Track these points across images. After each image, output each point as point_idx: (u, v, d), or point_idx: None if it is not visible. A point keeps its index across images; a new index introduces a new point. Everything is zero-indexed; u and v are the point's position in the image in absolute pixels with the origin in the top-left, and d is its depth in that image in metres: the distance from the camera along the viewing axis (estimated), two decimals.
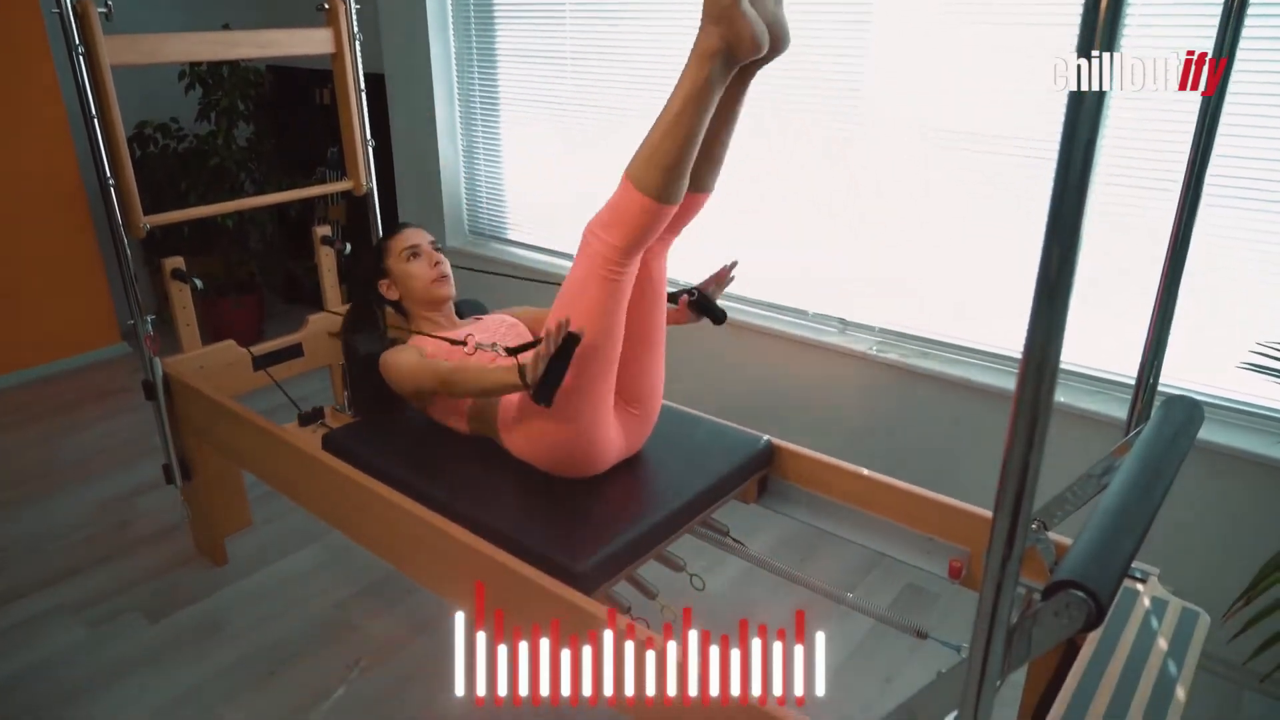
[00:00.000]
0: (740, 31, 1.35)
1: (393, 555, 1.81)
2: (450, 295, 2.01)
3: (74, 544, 2.62)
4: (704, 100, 1.39)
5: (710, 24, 1.36)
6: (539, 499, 1.67)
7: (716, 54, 1.37)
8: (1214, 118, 1.23)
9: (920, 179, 2.39)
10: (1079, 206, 0.72)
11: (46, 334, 3.77)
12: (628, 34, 2.93)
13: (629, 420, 1.75)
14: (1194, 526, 2.08)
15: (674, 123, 1.40)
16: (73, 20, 1.91)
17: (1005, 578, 0.86)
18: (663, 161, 1.41)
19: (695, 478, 1.75)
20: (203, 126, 3.95)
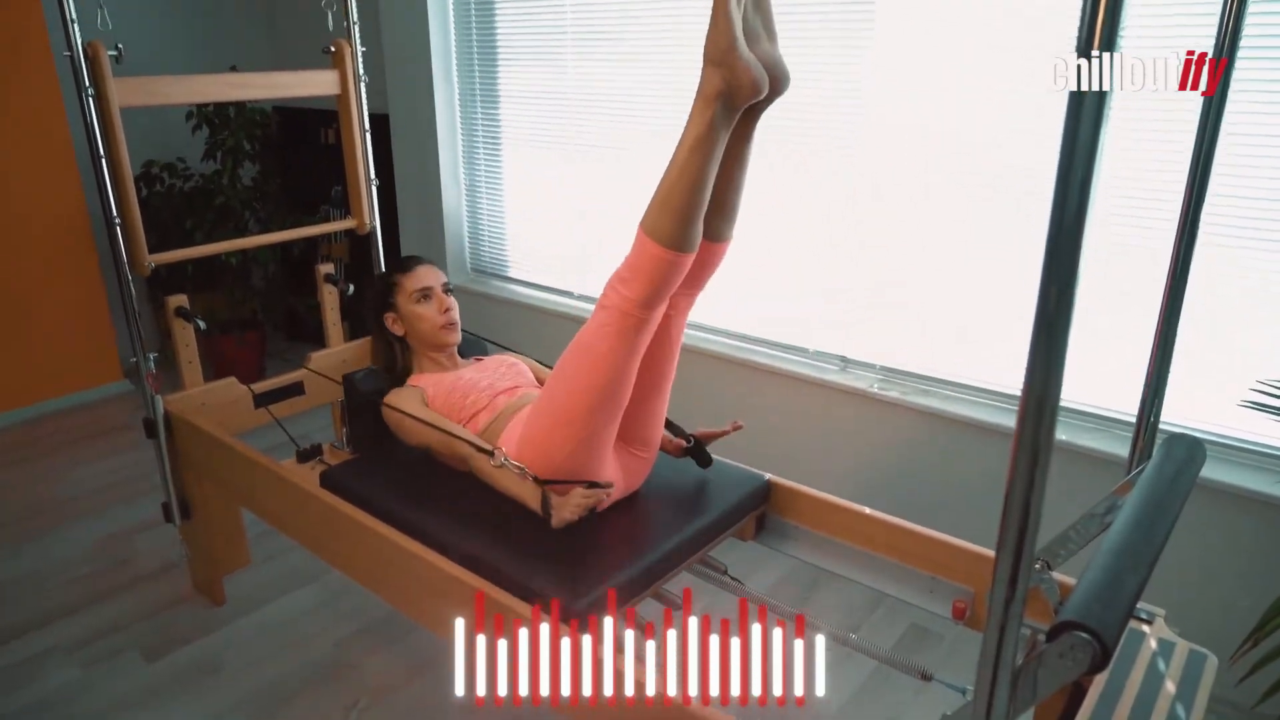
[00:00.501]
0: (739, 75, 1.36)
1: (390, 593, 1.80)
2: (457, 341, 2.03)
3: (72, 582, 2.60)
4: (710, 145, 1.40)
5: (711, 68, 1.38)
6: (536, 536, 1.66)
7: (718, 97, 1.38)
8: (1216, 119, 1.23)
9: (920, 217, 2.41)
10: (1076, 241, 0.73)
11: (49, 371, 3.78)
12: (628, 75, 2.97)
13: (630, 461, 1.75)
14: (1199, 567, 2.06)
15: (682, 169, 1.41)
16: (84, 63, 1.94)
17: (1009, 619, 0.86)
18: (674, 208, 1.42)
19: (693, 515, 1.75)
20: (209, 165, 3.99)
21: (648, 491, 1.82)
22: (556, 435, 1.59)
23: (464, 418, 1.86)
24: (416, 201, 3.79)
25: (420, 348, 2.02)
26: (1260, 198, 1.89)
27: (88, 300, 3.84)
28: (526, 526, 1.68)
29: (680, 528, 1.71)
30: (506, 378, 1.96)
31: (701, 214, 1.45)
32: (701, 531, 1.72)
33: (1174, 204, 1.31)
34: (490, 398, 1.88)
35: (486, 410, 1.86)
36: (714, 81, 1.38)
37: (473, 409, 1.87)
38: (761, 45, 1.42)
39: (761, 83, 1.39)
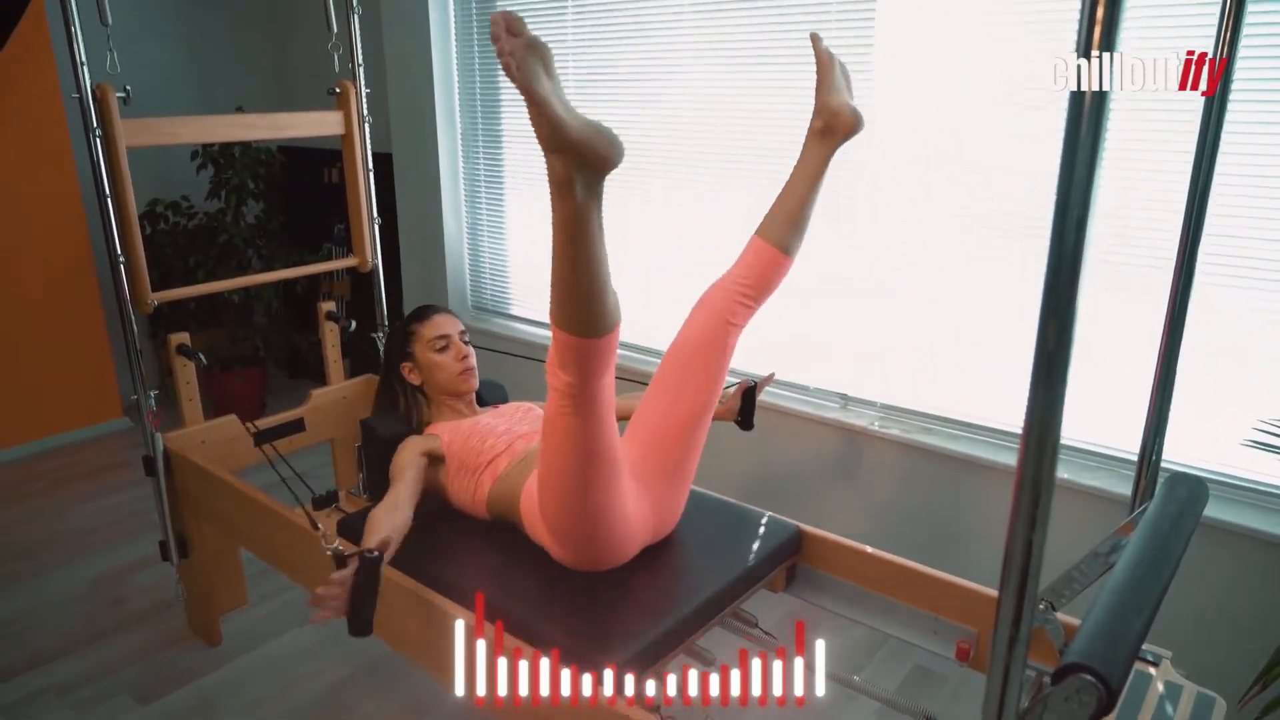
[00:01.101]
0: (581, 150, 1.23)
1: (388, 634, 1.77)
2: (474, 388, 2.02)
3: (66, 622, 2.58)
4: (584, 224, 1.29)
5: (550, 157, 1.25)
6: (563, 589, 1.60)
7: (569, 180, 1.26)
8: (1218, 120, 1.23)
9: (921, 253, 2.42)
10: (1074, 275, 0.73)
11: (50, 407, 3.78)
12: (629, 117, 3.01)
13: (666, 494, 1.69)
14: (1205, 608, 2.04)
15: (565, 260, 1.31)
16: (92, 105, 1.97)
17: (1013, 660, 0.85)
18: (572, 299, 1.34)
19: (725, 566, 1.69)
20: (213, 204, 4.02)
21: (675, 541, 1.76)
22: (566, 511, 1.55)
23: (482, 463, 1.82)
24: (418, 239, 3.82)
25: (438, 396, 2.01)
26: (1259, 237, 1.90)
27: (89, 337, 3.85)
28: (553, 578, 1.63)
29: (713, 581, 1.64)
30: (524, 422, 1.92)
31: (604, 296, 1.33)
32: (734, 584, 1.67)
33: (1172, 238, 1.32)
34: (509, 442, 1.84)
35: (505, 454, 1.82)
36: (558, 168, 1.26)
37: (491, 453, 1.82)
38: (839, 91, 1.61)
39: (607, 150, 1.24)
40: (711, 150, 2.78)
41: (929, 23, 2.27)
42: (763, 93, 2.62)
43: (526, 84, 1.19)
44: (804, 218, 1.69)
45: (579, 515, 1.54)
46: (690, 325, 1.72)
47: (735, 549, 1.75)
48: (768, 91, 2.61)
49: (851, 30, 2.41)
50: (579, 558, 1.62)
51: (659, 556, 1.72)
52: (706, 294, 1.73)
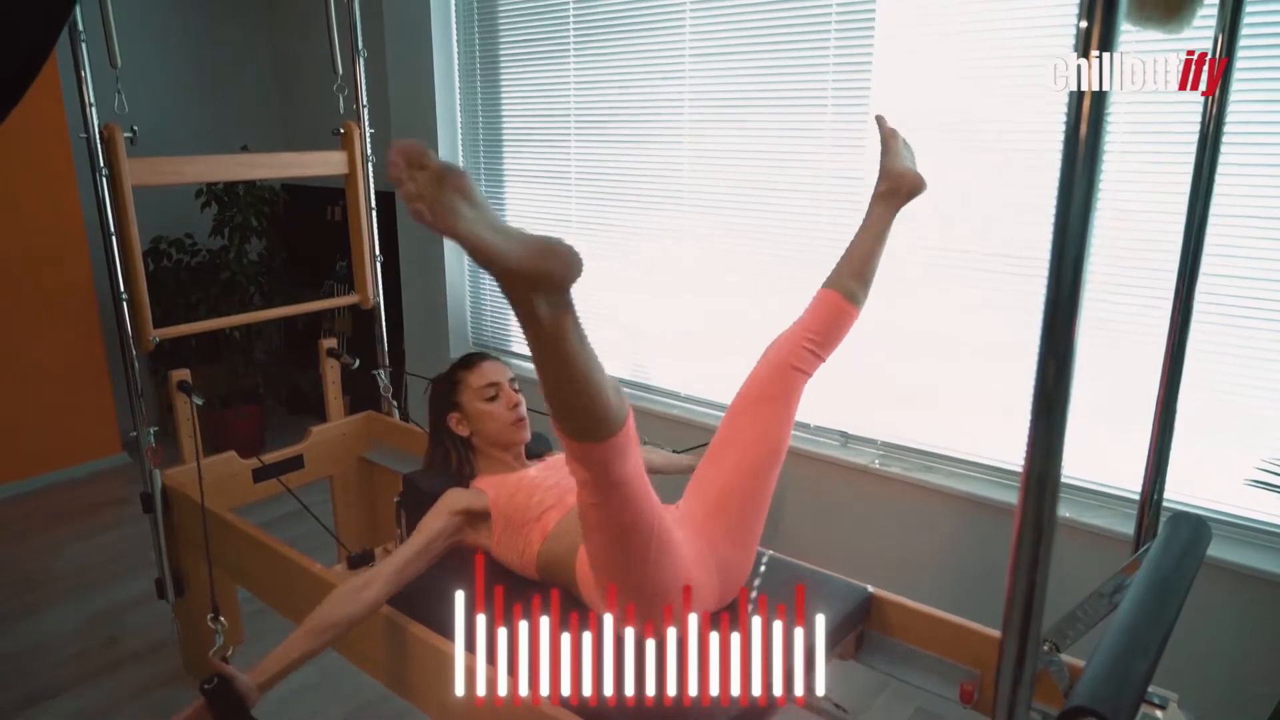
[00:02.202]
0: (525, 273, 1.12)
1: (385, 675, 1.74)
2: (526, 439, 1.91)
3: (60, 661, 2.55)
4: (558, 341, 1.17)
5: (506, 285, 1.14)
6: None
7: (529, 300, 1.14)
8: (1219, 121, 1.23)
9: (921, 292, 2.43)
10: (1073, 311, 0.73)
11: (49, 443, 3.77)
12: (630, 155, 3.04)
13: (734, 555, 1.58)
14: (1211, 649, 2.02)
15: (547, 374, 1.21)
16: (99, 145, 1.99)
17: (1017, 702, 0.84)
18: (568, 408, 1.23)
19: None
20: (215, 241, 4.05)
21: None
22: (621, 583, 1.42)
23: (532, 518, 1.70)
24: (420, 277, 3.84)
25: (486, 448, 1.89)
26: (1260, 276, 1.92)
27: (90, 373, 3.85)
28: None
29: None
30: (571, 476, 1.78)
31: (605, 394, 1.22)
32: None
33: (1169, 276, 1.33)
34: (558, 496, 1.72)
35: (555, 509, 1.70)
36: (514, 294, 1.14)
37: (539, 508, 1.71)
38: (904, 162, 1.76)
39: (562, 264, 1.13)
40: (713, 189, 2.80)
41: (930, 41, 2.30)
42: (765, 133, 2.66)
43: (447, 226, 1.08)
44: (870, 271, 1.77)
45: (635, 588, 1.42)
46: (756, 376, 1.71)
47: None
48: (771, 132, 2.65)
49: (849, 73, 2.44)
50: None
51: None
52: (773, 345, 1.74)
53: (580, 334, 1.18)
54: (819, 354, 1.72)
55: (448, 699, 1.56)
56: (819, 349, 1.72)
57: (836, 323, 1.74)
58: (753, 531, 1.61)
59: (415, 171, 1.06)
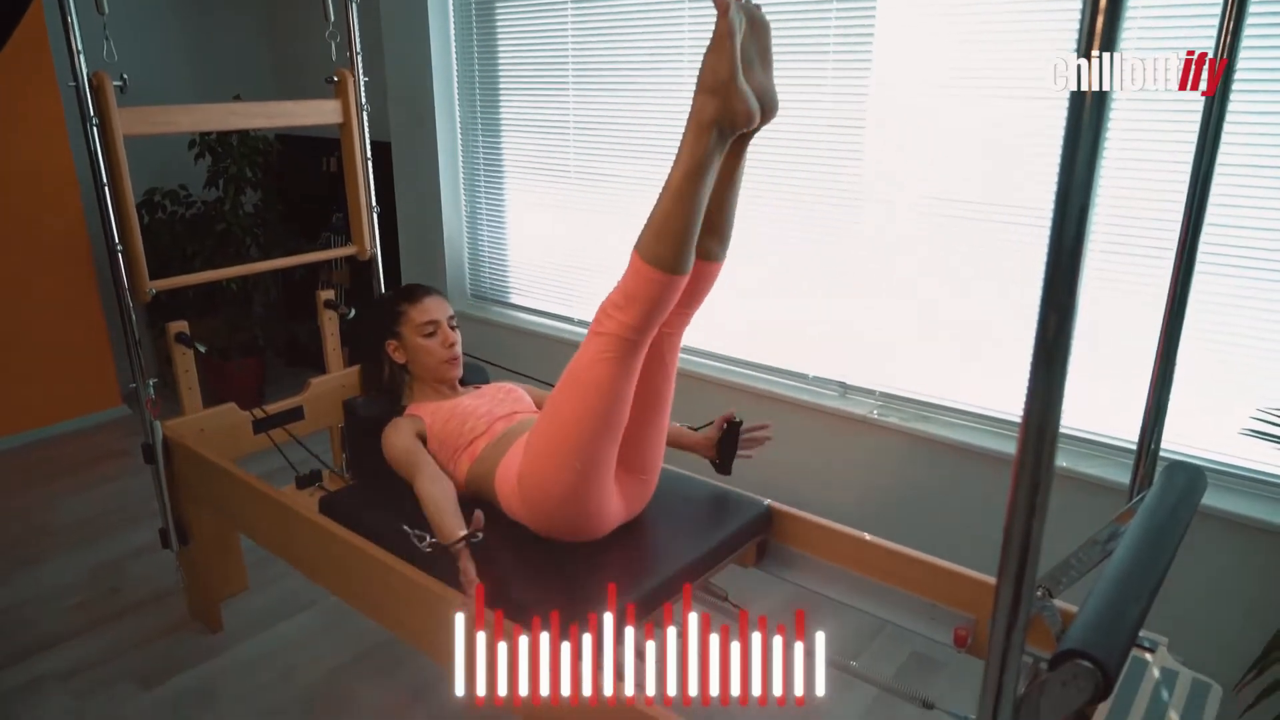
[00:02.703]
0: (735, 105, 1.37)
1: (389, 619, 1.79)
2: (459, 375, 2.04)
3: (66, 609, 2.58)
4: (704, 171, 1.41)
5: (706, 95, 1.38)
6: (537, 561, 1.65)
7: (712, 125, 1.38)
8: (1218, 121, 1.23)
9: (920, 242, 2.42)
10: (1075, 267, 0.73)
11: (48, 396, 3.78)
12: (628, 106, 3.00)
13: (632, 486, 1.74)
14: (1202, 595, 2.05)
15: (677, 195, 1.41)
16: (89, 93, 1.96)
17: (1011, 647, 0.85)
18: (669, 233, 1.43)
19: (693, 541, 1.74)
20: (210, 193, 4.01)
21: (648, 517, 1.81)
22: (555, 465, 1.59)
23: (462, 444, 1.87)
24: (417, 228, 3.81)
25: (422, 378, 2.03)
26: (1260, 226, 1.91)
27: (87, 325, 3.84)
28: (525, 551, 1.68)
29: (680, 553, 1.70)
30: (505, 404, 1.96)
31: (695, 237, 1.46)
32: (702, 557, 1.72)
33: (1173, 231, 1.32)
34: (489, 424, 1.88)
35: (485, 436, 1.86)
36: (709, 110, 1.38)
37: (470, 435, 1.87)
38: (755, 73, 1.43)
39: (755, 111, 1.40)
40: None
41: (930, 13, 2.27)
42: None
43: (728, 26, 1.33)
44: (729, 224, 1.60)
45: (572, 474, 1.58)
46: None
47: (705, 524, 1.80)
48: None
49: (852, 18, 2.40)
50: (556, 522, 1.67)
51: (630, 532, 1.77)
52: None
53: (710, 184, 1.42)
54: (687, 315, 1.65)
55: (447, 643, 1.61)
56: (686, 310, 1.63)
57: (701, 284, 1.60)
58: (652, 467, 1.76)
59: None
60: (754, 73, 1.42)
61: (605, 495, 1.65)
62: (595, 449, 1.56)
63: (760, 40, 1.43)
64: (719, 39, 1.36)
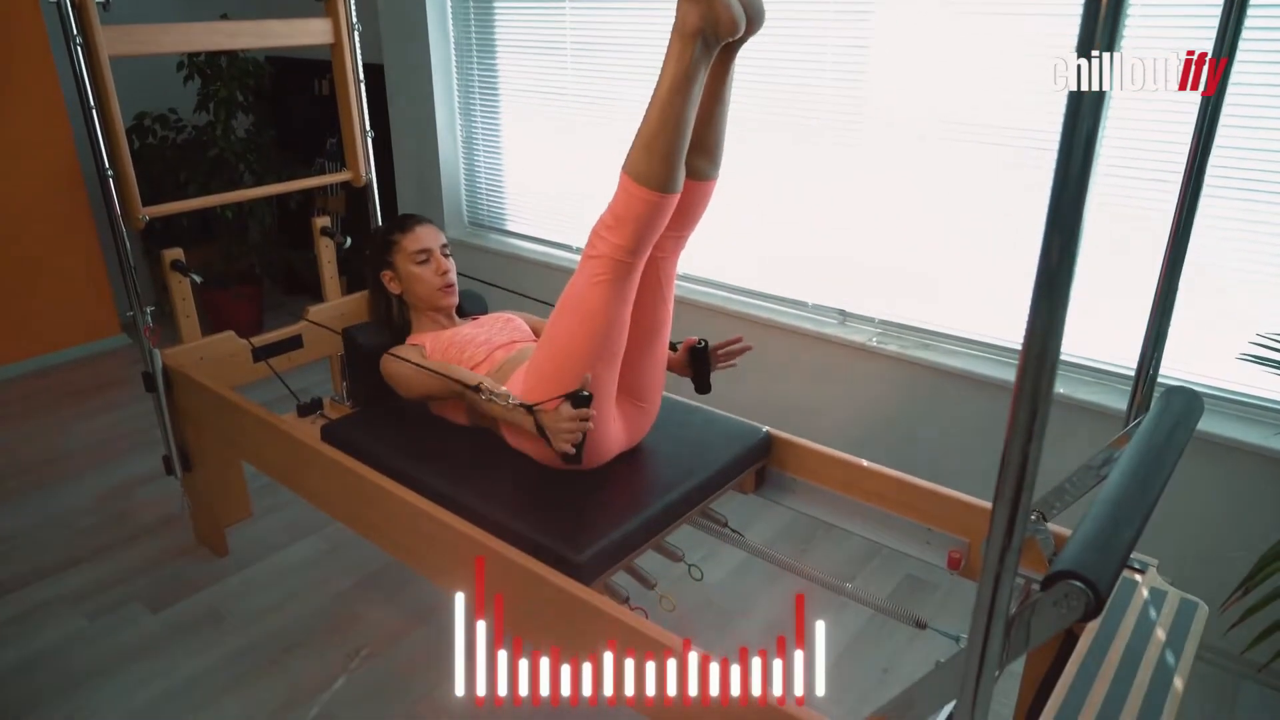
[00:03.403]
0: (718, 11, 1.34)
1: (392, 545, 1.82)
2: (454, 304, 2.02)
3: (74, 535, 2.62)
4: (690, 83, 1.38)
5: (687, 4, 1.35)
6: (538, 490, 1.67)
7: (696, 34, 1.36)
8: (1214, 117, 1.23)
9: (922, 170, 2.39)
10: (1079, 201, 0.72)
11: (46, 325, 3.77)
12: (628, 25, 2.92)
13: (632, 413, 1.75)
14: (1193, 518, 2.08)
15: (663, 109, 1.39)
16: (70, 11, 1.90)
17: (1004, 568, 0.87)
18: (658, 150, 1.40)
19: (693, 468, 1.75)
20: (201, 117, 3.93)
21: (648, 445, 1.83)
22: (556, 391, 1.59)
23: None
24: (413, 154, 3.75)
25: (418, 307, 2.02)
26: (1261, 149, 1.87)
27: (83, 254, 3.81)
28: (527, 480, 1.69)
29: (681, 481, 1.72)
30: (504, 332, 1.96)
31: (684, 153, 1.43)
32: (702, 485, 1.74)
33: (1178, 161, 1.30)
34: (488, 352, 1.88)
35: (484, 364, 1.86)
36: (691, 18, 1.35)
37: (469, 364, 1.87)
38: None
39: (739, 17, 1.36)
40: None
41: None
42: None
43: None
44: (719, 141, 1.56)
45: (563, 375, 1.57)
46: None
47: (705, 451, 1.81)
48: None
49: None
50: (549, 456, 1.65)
51: (631, 460, 1.78)
52: None
53: (697, 97, 1.40)
54: (681, 237, 1.62)
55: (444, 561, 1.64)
56: (680, 232, 1.61)
57: (695, 205, 1.56)
58: (654, 391, 1.76)
59: None
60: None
61: (606, 422, 1.66)
62: (595, 377, 1.56)
63: None
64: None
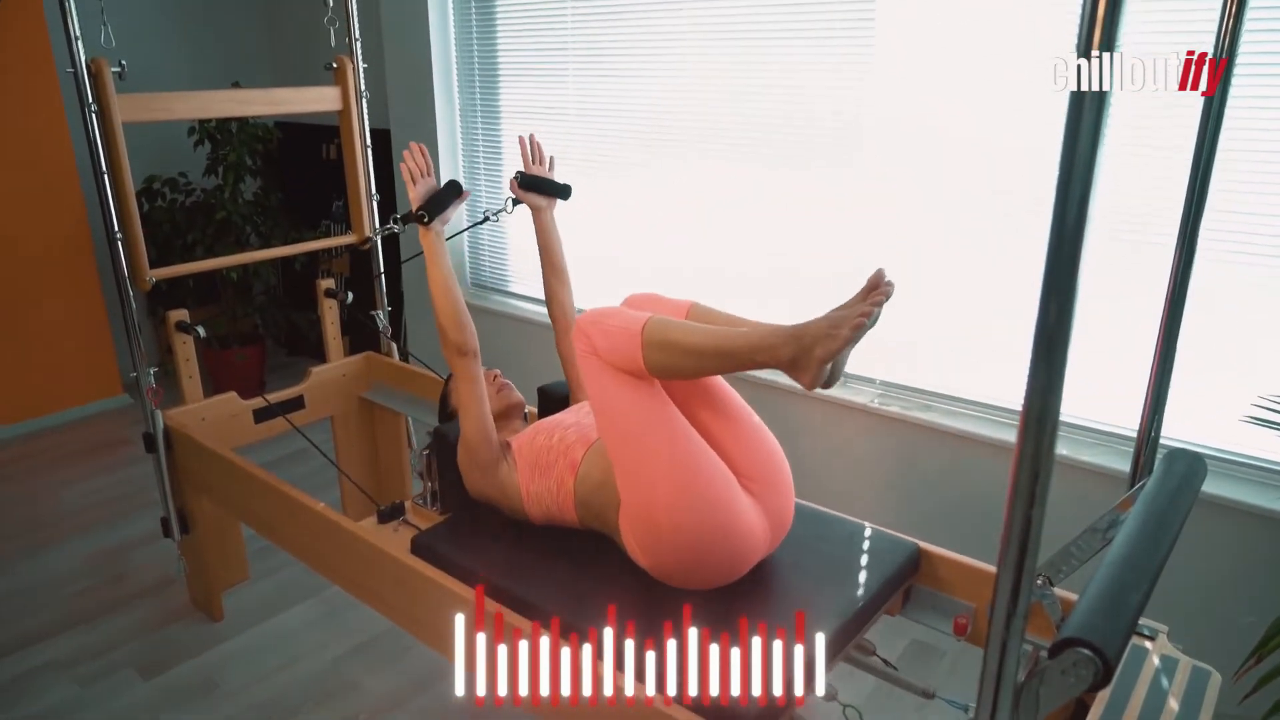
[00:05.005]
0: (808, 374, 1.48)
1: (390, 609, 1.76)
2: (519, 399, 1.95)
3: (68, 598, 2.59)
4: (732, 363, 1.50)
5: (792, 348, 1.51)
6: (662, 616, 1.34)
7: (774, 364, 1.47)
8: (1216, 120, 1.22)
9: (920, 230, 2.41)
10: (1074, 259, 0.73)
11: (49, 385, 3.78)
12: (629, 92, 2.99)
13: (763, 497, 1.57)
14: (1202, 583, 2.05)
15: (702, 357, 1.48)
16: (87, 80, 1.95)
17: (1010, 635, 0.85)
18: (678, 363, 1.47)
19: (844, 591, 1.54)
20: (210, 180, 4.00)
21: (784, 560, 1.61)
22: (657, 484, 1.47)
23: (558, 454, 1.66)
24: None
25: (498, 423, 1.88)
26: (1259, 212, 1.90)
27: (88, 314, 3.84)
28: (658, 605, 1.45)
29: (836, 608, 1.49)
30: (591, 415, 1.72)
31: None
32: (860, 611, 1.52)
33: (1173, 218, 1.32)
34: (579, 434, 1.68)
35: (579, 444, 1.66)
36: (784, 354, 1.50)
37: (563, 444, 1.67)
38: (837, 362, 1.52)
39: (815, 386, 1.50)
40: (716, 127, 2.76)
41: (931, 10, 2.25)
42: (767, 68, 2.60)
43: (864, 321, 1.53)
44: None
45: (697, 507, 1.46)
46: None
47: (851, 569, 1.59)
48: (773, 67, 2.59)
49: (853, 7, 2.39)
50: (687, 552, 1.47)
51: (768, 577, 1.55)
52: None
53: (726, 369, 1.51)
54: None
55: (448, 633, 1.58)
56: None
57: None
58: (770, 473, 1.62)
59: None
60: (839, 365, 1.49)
61: (738, 507, 1.50)
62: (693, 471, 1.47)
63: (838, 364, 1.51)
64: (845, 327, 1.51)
